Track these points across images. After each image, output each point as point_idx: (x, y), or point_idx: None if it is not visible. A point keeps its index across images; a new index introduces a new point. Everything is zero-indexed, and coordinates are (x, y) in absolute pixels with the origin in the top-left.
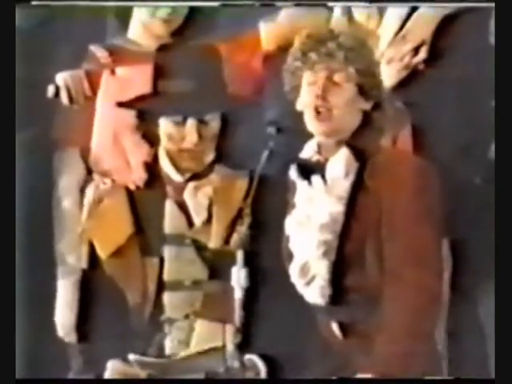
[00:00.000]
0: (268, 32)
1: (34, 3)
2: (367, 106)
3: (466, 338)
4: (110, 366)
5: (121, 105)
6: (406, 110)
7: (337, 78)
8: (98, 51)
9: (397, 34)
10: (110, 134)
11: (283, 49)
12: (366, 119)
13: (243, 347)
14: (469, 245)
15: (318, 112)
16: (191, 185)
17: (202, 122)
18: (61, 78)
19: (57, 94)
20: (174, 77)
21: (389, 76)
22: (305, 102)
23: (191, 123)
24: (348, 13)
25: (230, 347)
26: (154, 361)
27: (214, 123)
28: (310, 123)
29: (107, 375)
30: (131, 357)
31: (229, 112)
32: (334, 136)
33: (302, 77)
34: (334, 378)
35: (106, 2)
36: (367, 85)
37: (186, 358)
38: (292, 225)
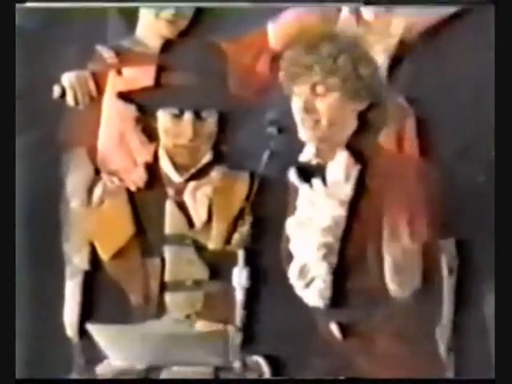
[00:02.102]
0: (275, 32)
1: (30, 4)
2: (360, 107)
3: (470, 337)
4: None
5: (123, 98)
6: (409, 108)
7: (319, 89)
8: (105, 52)
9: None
10: (116, 133)
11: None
12: (365, 120)
13: (244, 347)
14: (473, 244)
15: (304, 124)
16: (191, 185)
17: (198, 118)
18: (66, 78)
19: (63, 94)
20: (178, 76)
21: (393, 73)
22: (294, 113)
23: (188, 117)
24: (356, 12)
25: (231, 347)
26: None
27: (211, 120)
28: (301, 132)
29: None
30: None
31: (230, 112)
32: (329, 141)
33: (290, 87)
34: (333, 378)
35: (110, 3)
36: (354, 89)
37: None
38: (293, 226)
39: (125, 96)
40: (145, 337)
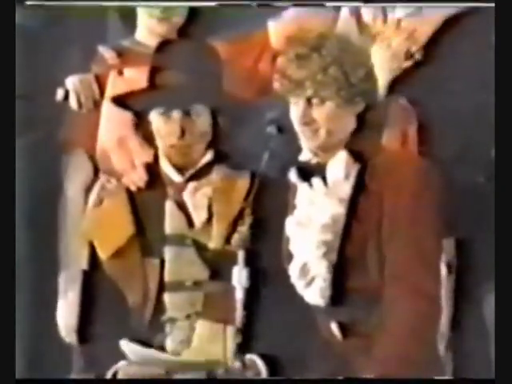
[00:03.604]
0: (276, 31)
1: (29, 3)
2: (358, 109)
3: (470, 337)
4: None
5: (120, 103)
6: (411, 108)
7: (314, 101)
8: (106, 52)
9: (403, 31)
10: (115, 134)
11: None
12: (364, 121)
13: (244, 347)
14: (473, 244)
15: (304, 135)
16: (191, 185)
17: (187, 116)
18: (70, 82)
19: (66, 96)
20: (175, 77)
21: (393, 73)
22: (293, 120)
23: (175, 115)
24: (356, 13)
25: (231, 347)
26: (154, 358)
27: (203, 118)
28: (302, 141)
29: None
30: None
31: (230, 112)
32: (329, 147)
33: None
34: (334, 378)
35: (110, 2)
36: (348, 96)
37: (186, 358)
38: (292, 226)
39: (121, 100)
40: None
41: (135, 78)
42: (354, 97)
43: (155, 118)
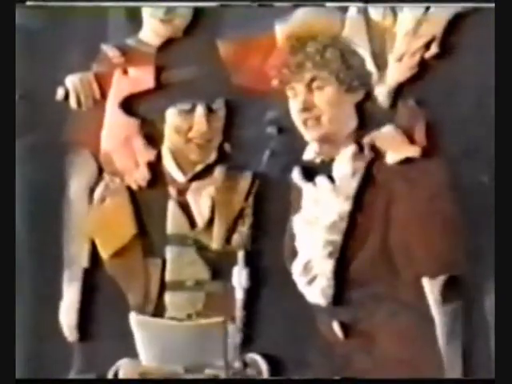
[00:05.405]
0: (283, 33)
1: (29, 3)
2: (356, 98)
3: (471, 337)
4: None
5: (125, 106)
6: (419, 109)
7: (314, 85)
8: (110, 51)
9: (409, 31)
10: (119, 134)
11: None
12: (366, 116)
13: (244, 347)
14: (477, 245)
15: (306, 124)
16: (194, 185)
17: (210, 111)
18: (70, 81)
19: (67, 96)
20: (180, 76)
21: (400, 73)
22: (293, 116)
23: (200, 111)
24: (364, 12)
25: (231, 347)
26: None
27: (221, 112)
28: (304, 133)
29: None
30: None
31: (232, 112)
32: (331, 137)
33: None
34: (335, 378)
35: (111, 2)
36: (347, 79)
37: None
38: (299, 224)
39: (127, 102)
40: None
41: (140, 77)
42: (352, 81)
43: (175, 115)
